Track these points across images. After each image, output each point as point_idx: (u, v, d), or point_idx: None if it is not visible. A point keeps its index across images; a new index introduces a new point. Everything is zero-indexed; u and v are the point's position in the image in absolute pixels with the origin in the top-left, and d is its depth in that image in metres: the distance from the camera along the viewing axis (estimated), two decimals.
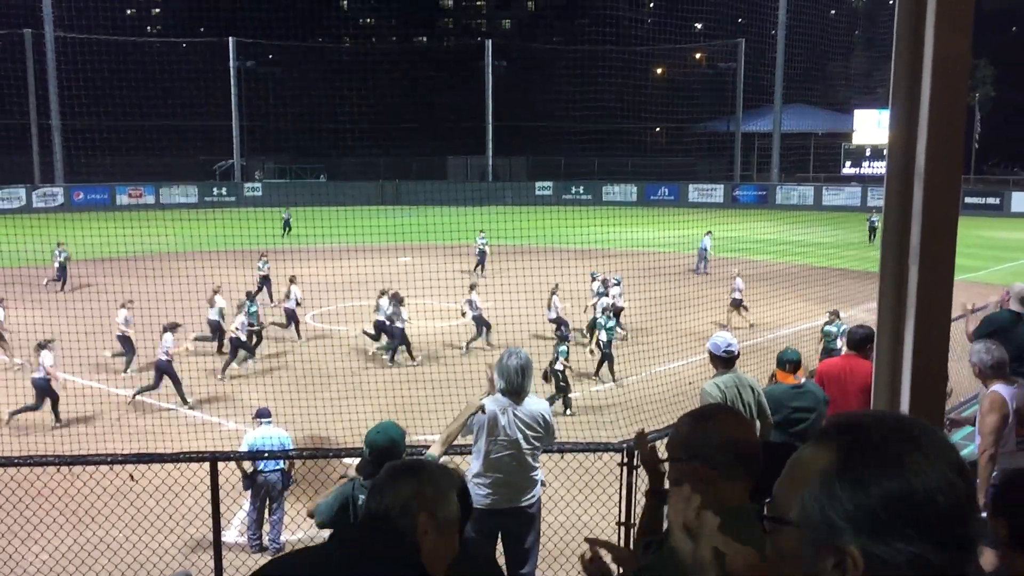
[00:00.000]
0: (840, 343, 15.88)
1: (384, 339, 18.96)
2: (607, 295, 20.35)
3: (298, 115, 59.00)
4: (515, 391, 5.72)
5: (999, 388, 6.18)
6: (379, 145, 54.03)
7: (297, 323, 20.15)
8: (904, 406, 3.16)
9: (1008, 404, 6.18)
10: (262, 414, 10.38)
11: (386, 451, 4.41)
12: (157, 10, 78.86)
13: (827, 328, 16.23)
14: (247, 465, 9.28)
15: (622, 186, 57.21)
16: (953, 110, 2.92)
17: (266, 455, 8.76)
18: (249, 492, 9.41)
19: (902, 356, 3.18)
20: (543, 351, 16.16)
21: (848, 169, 58.25)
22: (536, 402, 5.88)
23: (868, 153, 56.93)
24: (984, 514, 3.15)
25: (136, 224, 24.37)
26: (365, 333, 19.41)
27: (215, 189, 54.67)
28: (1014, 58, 67.55)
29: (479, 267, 27.59)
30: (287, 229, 36.51)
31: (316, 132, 57.80)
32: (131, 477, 7.69)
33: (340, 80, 53.28)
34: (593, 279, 21.54)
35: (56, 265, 25.51)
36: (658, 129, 66.01)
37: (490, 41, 61.72)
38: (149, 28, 73.28)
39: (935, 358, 3.17)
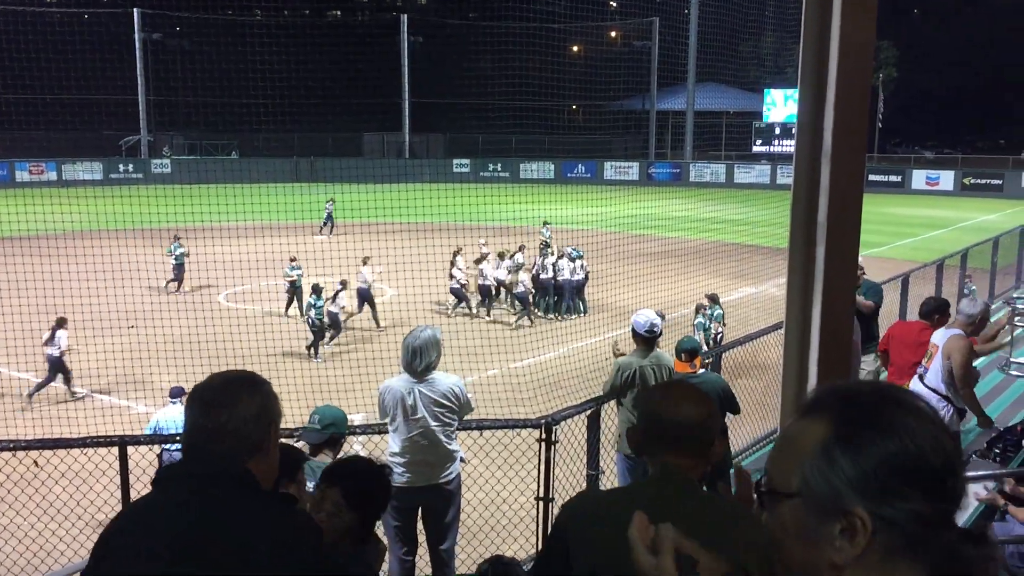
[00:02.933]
0: (715, 327, 16.47)
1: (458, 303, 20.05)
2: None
3: (208, 90, 57.30)
4: (412, 370, 5.73)
5: (942, 329, 7.10)
6: (293, 121, 52.97)
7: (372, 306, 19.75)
8: (812, 373, 3.28)
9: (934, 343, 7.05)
10: (175, 393, 10.24)
11: (336, 423, 4.59)
12: None
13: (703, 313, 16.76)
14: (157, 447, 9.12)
15: (539, 163, 57.45)
16: (858, 91, 3.02)
17: (177, 438, 8.57)
18: None
19: (810, 327, 3.29)
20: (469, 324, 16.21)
21: (759, 147, 59.59)
22: (445, 377, 5.89)
23: (777, 132, 58.31)
24: None
25: (38, 202, 23.45)
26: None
27: (121, 166, 52.92)
28: (916, 40, 69.90)
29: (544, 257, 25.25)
30: (331, 225, 30.89)
31: (227, 107, 56.26)
32: (35, 463, 7.42)
33: (252, 54, 51.90)
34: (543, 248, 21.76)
35: (173, 262, 22.58)
36: (575, 107, 66.30)
37: (405, 16, 61.00)
38: None
39: (841, 328, 3.29)
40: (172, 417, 9.63)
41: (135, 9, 53.92)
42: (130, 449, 6.00)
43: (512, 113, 51.77)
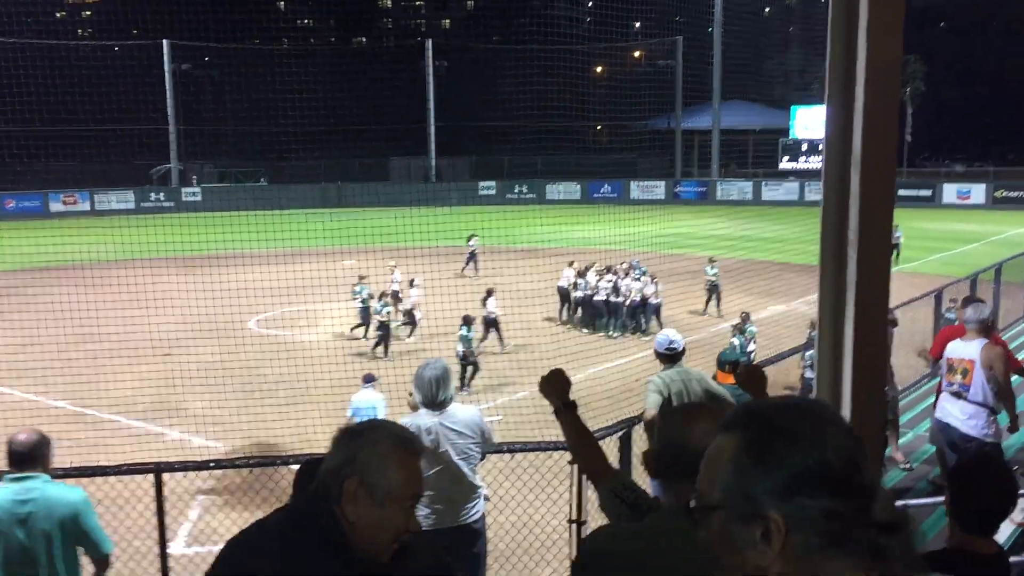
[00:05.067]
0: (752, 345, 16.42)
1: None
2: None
3: (237, 118, 58.17)
4: (434, 403, 5.55)
5: (958, 339, 7.00)
6: (320, 147, 53.56)
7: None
8: (846, 388, 3.26)
9: (945, 350, 7.05)
10: (367, 379, 12.24)
11: None
12: (88, 12, 77.11)
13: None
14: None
15: (565, 184, 57.53)
16: (886, 108, 3.02)
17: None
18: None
19: (843, 342, 3.28)
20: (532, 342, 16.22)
21: (785, 164, 59.26)
22: (464, 409, 5.73)
23: (804, 148, 57.97)
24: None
25: (72, 232, 23.82)
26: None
27: (152, 194, 53.63)
28: (943, 53, 69.42)
29: (713, 300, 22.57)
30: (475, 263, 27.79)
31: (256, 135, 57.07)
32: None
33: (279, 82, 52.70)
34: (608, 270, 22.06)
35: (358, 305, 20.39)
36: (600, 127, 66.47)
37: (430, 41, 61.53)
38: (80, 31, 71.58)
39: (874, 343, 3.26)
40: (366, 398, 11.75)
41: (164, 40, 54.85)
42: (165, 476, 6.05)
43: (537, 135, 52.02)
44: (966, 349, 6.82)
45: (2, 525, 4.50)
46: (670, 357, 6.89)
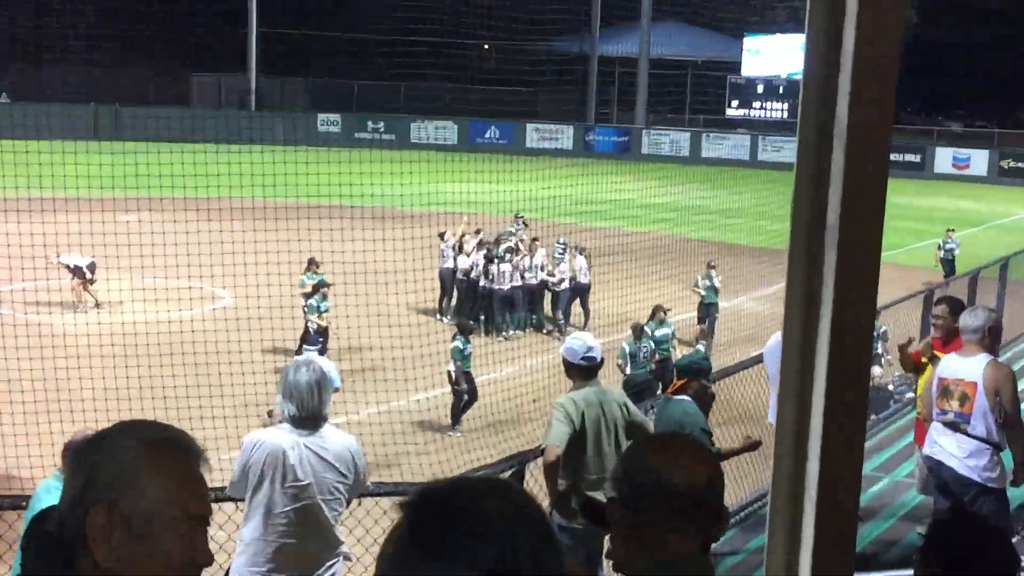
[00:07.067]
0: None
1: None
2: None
3: None
4: (311, 416, 5.47)
5: (954, 354, 7.21)
6: (91, 52, 51.88)
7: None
8: (815, 426, 3.30)
9: (936, 374, 7.26)
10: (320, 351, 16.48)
11: None
12: None
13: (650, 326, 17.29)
14: None
15: (437, 123, 57.46)
16: (887, 39, 3.06)
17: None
18: None
19: (814, 360, 3.32)
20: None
21: (734, 110, 60.56)
22: (339, 434, 5.74)
23: (760, 90, 59.32)
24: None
25: None
26: None
27: None
28: None
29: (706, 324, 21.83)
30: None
31: None
32: None
33: None
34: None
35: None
36: (487, 47, 66.52)
37: None
38: None
39: (858, 363, 3.32)
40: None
41: None
42: None
43: (400, 53, 51.63)
44: (965, 367, 6.93)
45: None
46: (586, 371, 6.85)
